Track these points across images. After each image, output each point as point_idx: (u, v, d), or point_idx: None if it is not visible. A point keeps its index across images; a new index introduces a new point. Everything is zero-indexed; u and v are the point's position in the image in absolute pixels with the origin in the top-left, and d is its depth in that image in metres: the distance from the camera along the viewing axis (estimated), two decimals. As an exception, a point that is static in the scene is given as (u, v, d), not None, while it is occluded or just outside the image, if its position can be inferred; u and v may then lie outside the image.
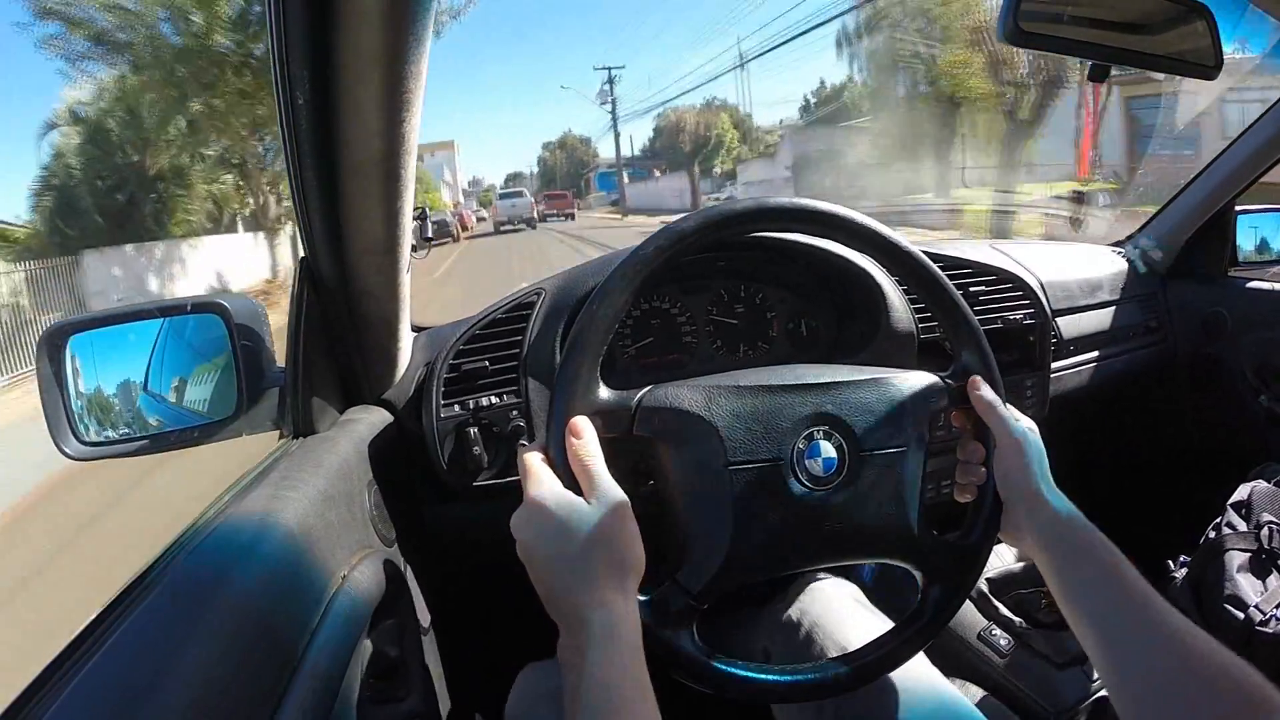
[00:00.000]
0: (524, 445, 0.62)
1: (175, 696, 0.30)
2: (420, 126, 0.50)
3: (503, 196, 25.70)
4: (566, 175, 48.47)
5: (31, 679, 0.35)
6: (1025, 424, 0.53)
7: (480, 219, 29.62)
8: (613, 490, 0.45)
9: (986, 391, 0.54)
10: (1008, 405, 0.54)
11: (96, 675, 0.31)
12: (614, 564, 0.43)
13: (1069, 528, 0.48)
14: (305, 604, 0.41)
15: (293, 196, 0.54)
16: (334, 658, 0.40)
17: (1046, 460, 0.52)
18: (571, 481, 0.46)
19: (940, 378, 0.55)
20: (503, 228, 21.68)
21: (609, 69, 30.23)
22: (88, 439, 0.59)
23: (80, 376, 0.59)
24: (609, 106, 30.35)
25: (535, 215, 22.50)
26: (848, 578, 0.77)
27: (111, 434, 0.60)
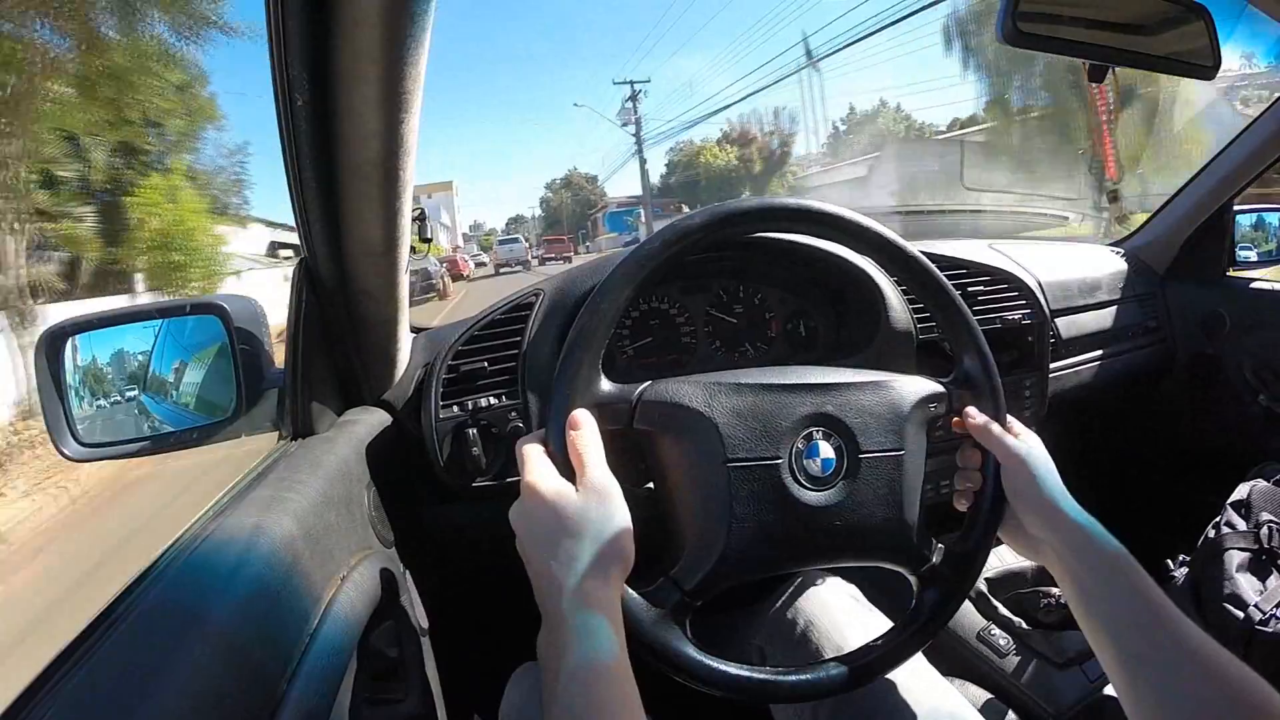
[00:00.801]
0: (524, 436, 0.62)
1: (175, 700, 0.30)
2: (419, 128, 0.50)
3: (501, 242, 30.22)
4: (573, 216, 45.63)
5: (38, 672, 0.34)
6: (1025, 439, 0.53)
7: (480, 264, 31.28)
8: (605, 480, 0.45)
9: (981, 417, 0.54)
10: (1008, 420, 0.54)
11: (87, 681, 0.31)
12: (600, 554, 0.42)
13: (1088, 538, 0.48)
14: (304, 605, 0.41)
15: (291, 197, 0.54)
16: (332, 660, 0.40)
17: (1055, 470, 0.52)
18: (569, 472, 0.46)
19: (941, 383, 0.55)
20: (502, 269, 26.29)
21: (632, 83, 27.46)
22: (87, 440, 0.59)
23: (80, 377, 0.59)
24: (631, 128, 27.58)
25: (529, 258, 27.57)
26: (847, 579, 0.77)
27: (111, 435, 0.60)
